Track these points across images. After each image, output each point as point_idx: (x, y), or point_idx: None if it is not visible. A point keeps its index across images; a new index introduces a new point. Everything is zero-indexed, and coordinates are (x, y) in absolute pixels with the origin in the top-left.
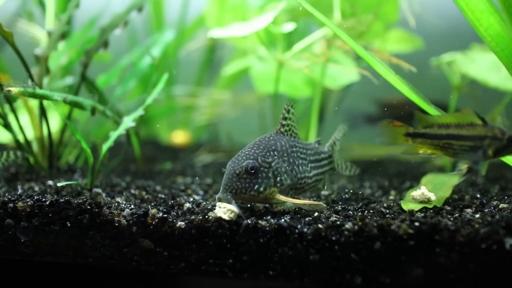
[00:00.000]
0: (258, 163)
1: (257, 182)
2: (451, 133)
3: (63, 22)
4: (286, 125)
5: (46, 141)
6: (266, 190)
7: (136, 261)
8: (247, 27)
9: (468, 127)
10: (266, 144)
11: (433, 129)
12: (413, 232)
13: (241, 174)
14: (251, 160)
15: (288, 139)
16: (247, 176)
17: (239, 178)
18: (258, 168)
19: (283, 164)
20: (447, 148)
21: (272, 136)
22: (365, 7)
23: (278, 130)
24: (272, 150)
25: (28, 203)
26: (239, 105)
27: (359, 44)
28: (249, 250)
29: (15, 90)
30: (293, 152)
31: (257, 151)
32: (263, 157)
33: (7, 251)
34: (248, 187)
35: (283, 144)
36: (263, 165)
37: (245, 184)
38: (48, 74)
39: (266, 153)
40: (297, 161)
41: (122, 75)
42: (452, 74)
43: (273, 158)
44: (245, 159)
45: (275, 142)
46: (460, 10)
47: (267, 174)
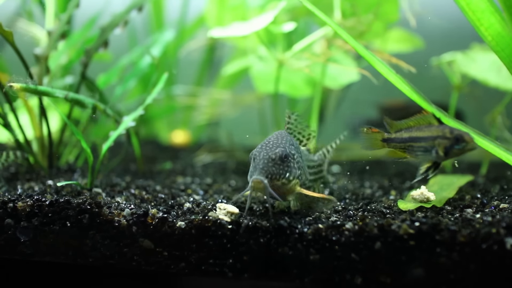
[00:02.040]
0: (288, 152)
1: (288, 170)
2: (411, 135)
3: (63, 21)
4: (289, 129)
5: (46, 141)
6: (294, 179)
7: (136, 261)
8: (247, 26)
9: (425, 128)
10: (285, 137)
11: (400, 133)
12: (414, 232)
13: (276, 160)
14: (281, 148)
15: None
16: (281, 163)
17: (274, 163)
18: (289, 157)
19: (300, 159)
20: (410, 151)
21: (285, 133)
22: (365, 7)
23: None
24: (291, 145)
25: (28, 203)
26: (239, 104)
27: (359, 44)
28: (249, 250)
29: (17, 86)
30: (300, 152)
31: (282, 142)
32: (289, 148)
33: (7, 251)
34: (282, 174)
35: (295, 142)
36: (290, 155)
37: (279, 170)
38: (48, 74)
39: (291, 146)
40: (302, 161)
41: (122, 74)
42: (453, 74)
43: (296, 152)
44: (276, 147)
45: (290, 138)
46: (460, 10)
47: (294, 165)
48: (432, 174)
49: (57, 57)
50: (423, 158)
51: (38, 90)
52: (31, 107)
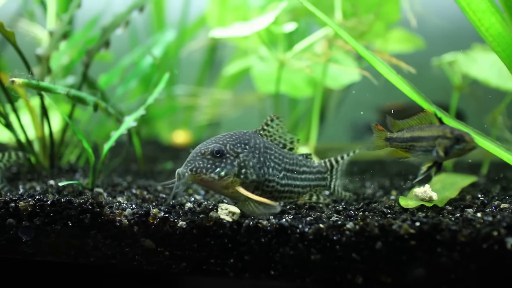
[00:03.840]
0: (226, 149)
1: (220, 166)
2: (413, 135)
3: (64, 22)
4: (267, 131)
5: (47, 141)
6: (227, 176)
7: (138, 260)
8: (248, 27)
9: (426, 128)
10: (239, 136)
11: (401, 132)
12: (415, 232)
13: (206, 155)
14: (219, 144)
15: (265, 140)
16: (211, 157)
17: (202, 157)
18: (225, 153)
19: (252, 159)
20: (411, 150)
21: (248, 132)
22: (366, 7)
23: (257, 131)
24: (244, 144)
25: (29, 203)
26: (240, 105)
27: (360, 44)
28: (250, 249)
29: (19, 81)
30: (266, 153)
31: (228, 139)
32: (233, 146)
33: (8, 250)
34: (209, 168)
35: (257, 142)
36: (231, 152)
37: (206, 165)
38: (49, 74)
39: (237, 144)
40: (268, 163)
41: (124, 75)
42: (453, 74)
43: (243, 151)
44: (213, 143)
45: (249, 138)
46: (461, 10)
47: (232, 162)
48: (434, 174)
49: (58, 57)
50: (424, 158)
51: (40, 86)
52: (33, 107)
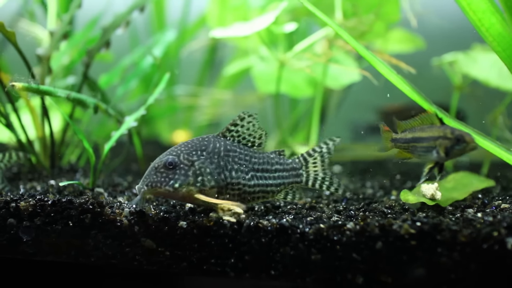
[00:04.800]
0: (179, 160)
1: (173, 178)
2: (414, 136)
3: (65, 22)
4: (235, 131)
5: (48, 141)
6: (181, 187)
7: (138, 260)
8: (248, 27)
9: (427, 129)
10: (196, 143)
11: (404, 133)
12: (415, 232)
13: (159, 168)
14: (172, 156)
15: (227, 143)
16: (164, 170)
17: (156, 172)
18: (178, 164)
19: (209, 165)
20: (413, 151)
21: (208, 137)
22: (366, 7)
23: (220, 133)
24: (201, 150)
25: (30, 203)
26: (240, 105)
27: (360, 44)
28: (251, 249)
29: (19, 85)
30: (227, 156)
31: (182, 149)
32: (188, 155)
33: (9, 250)
34: (163, 182)
35: (216, 146)
36: (185, 162)
37: (160, 178)
38: (50, 74)
39: (192, 152)
40: (230, 166)
41: (124, 75)
42: (454, 74)
43: (199, 158)
44: (167, 155)
45: (208, 143)
46: (461, 10)
47: (186, 172)
48: (438, 175)
49: (59, 57)
50: (425, 159)
51: (40, 90)
52: (33, 107)
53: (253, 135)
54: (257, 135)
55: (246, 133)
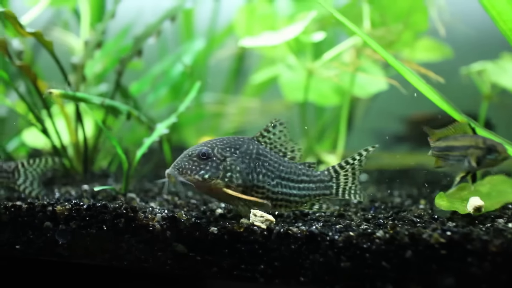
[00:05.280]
0: (213, 153)
1: (205, 168)
2: (448, 144)
3: (99, 31)
4: (267, 138)
5: (81, 146)
6: (210, 178)
7: (170, 265)
8: (278, 36)
9: (460, 138)
10: (232, 141)
11: (438, 142)
12: (445, 241)
13: (192, 156)
14: (207, 147)
15: (260, 147)
16: (197, 159)
17: (189, 159)
18: (211, 156)
19: (240, 164)
20: (446, 160)
21: (243, 138)
22: (395, 16)
23: (255, 137)
24: (235, 149)
25: (66, 207)
26: (267, 113)
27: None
28: (280, 256)
29: (56, 92)
30: (258, 160)
31: (218, 143)
32: (222, 150)
33: (46, 252)
34: (194, 170)
35: (250, 148)
36: (218, 156)
37: (192, 166)
38: (84, 82)
39: (226, 148)
40: (259, 169)
41: (154, 82)
42: (482, 83)
43: (232, 155)
44: (202, 146)
45: (242, 143)
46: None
47: (217, 166)
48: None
49: (92, 65)
50: (456, 168)
51: (76, 97)
52: (68, 113)
53: (284, 145)
54: (288, 147)
55: (278, 142)
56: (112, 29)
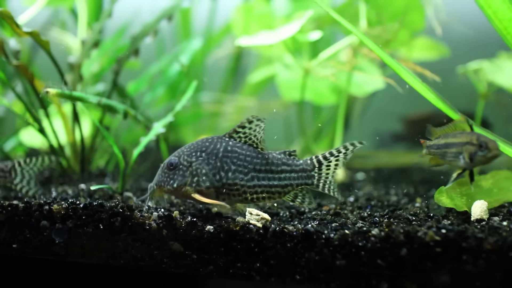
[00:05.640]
0: (179, 161)
1: (173, 178)
2: (446, 141)
3: (96, 31)
4: (242, 133)
5: (78, 146)
6: (180, 186)
7: (166, 263)
8: (274, 35)
9: (458, 135)
10: (199, 145)
11: (438, 139)
12: (440, 239)
13: (164, 168)
14: (174, 157)
15: (229, 144)
16: (167, 171)
17: (161, 171)
18: (178, 165)
19: (205, 166)
20: (444, 157)
21: (212, 138)
22: (391, 16)
23: (226, 134)
24: (201, 152)
25: (63, 206)
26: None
27: (385, 52)
28: (276, 254)
29: (53, 92)
30: (226, 157)
31: (185, 150)
32: (188, 156)
33: (42, 251)
34: (166, 181)
35: (217, 148)
36: (184, 163)
37: (164, 178)
38: (81, 81)
39: (192, 153)
40: (227, 167)
41: (151, 82)
42: (479, 82)
43: (197, 159)
44: (171, 156)
45: (209, 144)
46: (487, 19)
47: (184, 173)
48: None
49: (89, 65)
50: (454, 164)
51: (72, 96)
52: (65, 113)
53: (257, 136)
54: (259, 137)
55: (253, 134)
56: (110, 29)
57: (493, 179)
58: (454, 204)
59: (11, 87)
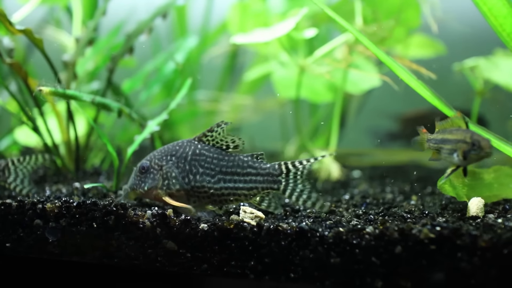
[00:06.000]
0: (150, 165)
1: (145, 181)
2: (443, 137)
3: (90, 28)
4: (210, 136)
5: (73, 145)
6: (151, 190)
7: (160, 262)
8: (269, 33)
9: (454, 131)
10: (169, 148)
11: (436, 134)
12: (434, 237)
13: (136, 172)
14: (146, 160)
15: (198, 147)
16: (139, 174)
17: (134, 175)
18: (149, 168)
19: (175, 169)
20: (441, 152)
21: (182, 142)
22: (386, 13)
23: (196, 138)
24: (171, 155)
25: (56, 204)
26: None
27: (380, 50)
28: (270, 252)
29: (46, 90)
30: (194, 161)
31: (156, 154)
32: (158, 160)
33: (36, 250)
34: (138, 184)
35: (186, 151)
36: (155, 167)
37: (136, 181)
38: (75, 79)
39: (163, 157)
40: (195, 170)
41: (147, 80)
42: (475, 80)
43: (168, 163)
44: (143, 160)
45: (179, 148)
46: (482, 15)
47: (155, 176)
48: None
49: (84, 63)
50: (448, 160)
51: (66, 94)
52: (59, 112)
53: (225, 139)
54: (229, 140)
55: (219, 137)
56: (106, 27)
57: (495, 174)
58: (456, 194)
59: (4, 86)
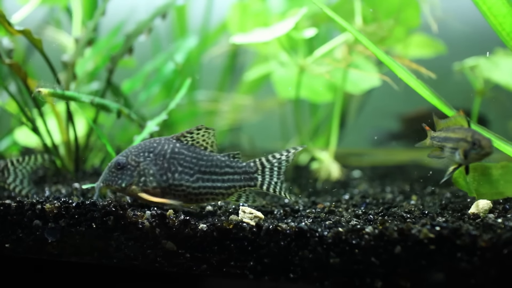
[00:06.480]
0: (127, 161)
1: (121, 177)
2: (446, 135)
3: (89, 29)
4: (190, 137)
5: (72, 145)
6: (127, 186)
7: (159, 262)
8: (269, 32)
9: (457, 130)
10: (146, 145)
11: (439, 132)
12: (434, 237)
13: (111, 168)
14: (122, 156)
15: (176, 146)
16: (115, 170)
17: (109, 171)
18: (126, 165)
19: (152, 167)
20: (443, 150)
21: (160, 140)
22: (386, 12)
23: (175, 136)
24: (149, 152)
25: (55, 205)
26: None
27: (380, 49)
28: (269, 252)
29: (45, 91)
30: (173, 159)
31: (132, 150)
32: (135, 156)
33: (35, 251)
34: (113, 181)
35: (164, 149)
36: (131, 163)
37: (112, 177)
38: (75, 80)
39: (140, 153)
40: (174, 168)
41: (146, 80)
42: (475, 79)
43: (145, 159)
44: (119, 156)
45: (157, 145)
46: (482, 15)
47: (132, 172)
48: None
49: (83, 63)
50: (450, 159)
51: (65, 95)
52: (59, 112)
53: (206, 140)
54: (209, 141)
55: (201, 138)
56: (106, 27)
57: (502, 170)
58: (468, 189)
59: (4, 87)
